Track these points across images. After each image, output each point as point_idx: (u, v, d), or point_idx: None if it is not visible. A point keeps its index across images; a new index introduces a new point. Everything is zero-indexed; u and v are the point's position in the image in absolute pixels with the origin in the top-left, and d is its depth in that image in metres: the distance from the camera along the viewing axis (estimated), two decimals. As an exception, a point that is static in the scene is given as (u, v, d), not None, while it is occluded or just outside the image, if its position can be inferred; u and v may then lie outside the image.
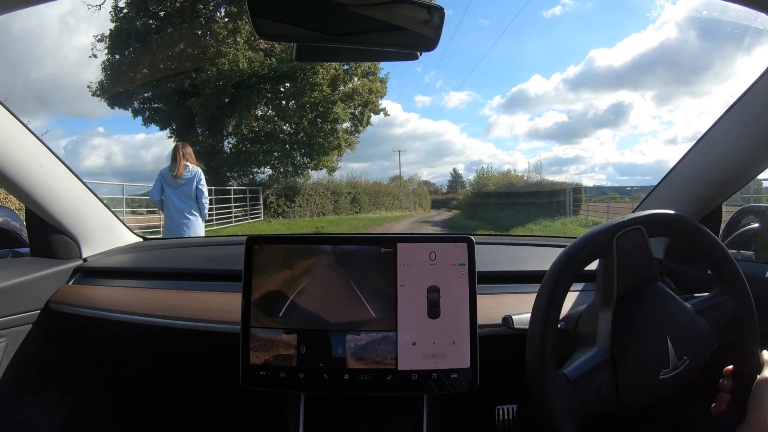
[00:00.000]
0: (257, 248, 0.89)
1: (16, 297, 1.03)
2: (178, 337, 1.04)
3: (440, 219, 19.72)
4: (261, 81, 14.64)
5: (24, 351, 1.05)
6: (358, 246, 0.89)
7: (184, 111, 14.83)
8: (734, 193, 0.99)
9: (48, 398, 1.14)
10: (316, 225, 13.81)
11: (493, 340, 0.88)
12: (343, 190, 17.99)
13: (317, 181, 17.31)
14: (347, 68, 15.42)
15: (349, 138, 16.76)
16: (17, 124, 0.98)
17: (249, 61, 13.96)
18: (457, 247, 0.88)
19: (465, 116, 47.59)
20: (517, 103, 51.37)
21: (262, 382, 0.86)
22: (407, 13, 0.63)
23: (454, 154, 50.94)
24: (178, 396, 1.33)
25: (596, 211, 14.56)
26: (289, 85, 15.28)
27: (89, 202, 1.22)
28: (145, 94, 14.54)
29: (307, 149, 16.18)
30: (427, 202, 26.14)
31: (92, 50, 14.22)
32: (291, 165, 16.39)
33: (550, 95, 48.80)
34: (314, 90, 14.93)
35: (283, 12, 0.63)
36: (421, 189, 26.98)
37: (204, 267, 1.17)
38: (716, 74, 8.57)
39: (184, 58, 13.48)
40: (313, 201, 16.37)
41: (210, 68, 13.74)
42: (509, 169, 23.05)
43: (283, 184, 15.79)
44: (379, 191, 20.49)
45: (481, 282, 0.88)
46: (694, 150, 1.00)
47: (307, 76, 14.60)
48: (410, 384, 0.84)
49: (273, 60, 14.27)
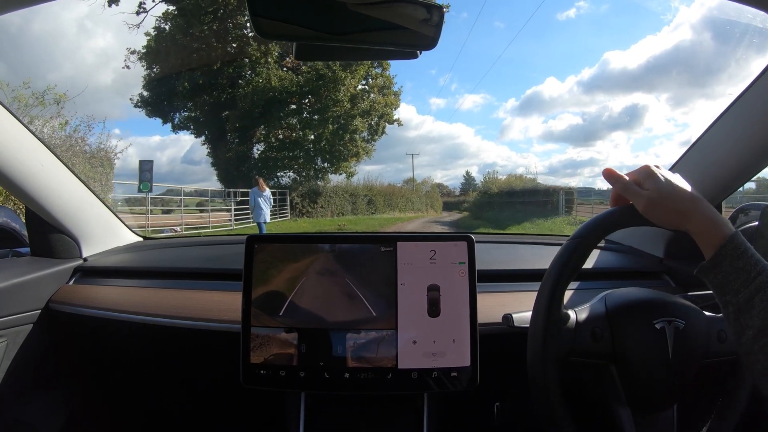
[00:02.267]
0: (257, 247, 0.89)
1: (16, 297, 1.03)
2: (178, 337, 1.04)
3: (450, 219, 20.68)
4: (290, 96, 16.55)
5: (24, 351, 1.05)
6: (358, 245, 0.89)
7: (218, 120, 16.90)
8: (734, 192, 0.99)
9: (49, 398, 1.14)
10: (338, 224, 15.28)
11: (493, 339, 0.88)
12: (360, 192, 19.44)
13: (337, 184, 18.89)
14: (365, 87, 17.64)
15: (366, 146, 18.60)
16: (17, 123, 0.98)
17: (279, 79, 16.12)
18: (457, 246, 0.88)
19: (479, 119, 47.41)
20: (531, 105, 51.40)
21: (263, 381, 0.86)
22: (407, 12, 0.63)
23: (468, 156, 50.92)
24: (179, 395, 1.33)
25: (583, 212, 15.99)
26: (314, 100, 16.96)
27: (89, 202, 1.22)
28: (187, 105, 16.72)
29: (329, 156, 18.02)
30: (438, 204, 26.93)
31: (125, 62, 16.15)
32: (313, 170, 18.29)
33: (564, 97, 48.87)
34: (336, 105, 16.63)
35: (284, 11, 0.63)
36: (434, 192, 27.82)
37: (204, 266, 1.17)
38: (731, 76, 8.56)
39: (221, 75, 15.74)
40: (334, 202, 17.88)
41: (246, 87, 15.98)
42: (522, 172, 24.42)
43: (307, 187, 17.51)
44: (393, 193, 21.82)
45: (481, 280, 0.88)
46: (693, 149, 1.00)
47: (330, 92, 16.37)
48: (410, 383, 0.84)
49: (300, 78, 16.36)
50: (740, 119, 0.88)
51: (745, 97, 0.86)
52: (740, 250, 0.59)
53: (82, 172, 7.36)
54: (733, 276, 0.59)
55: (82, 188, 1.18)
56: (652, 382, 0.71)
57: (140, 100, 16.46)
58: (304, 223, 15.77)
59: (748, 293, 0.57)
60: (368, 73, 17.45)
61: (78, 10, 23.47)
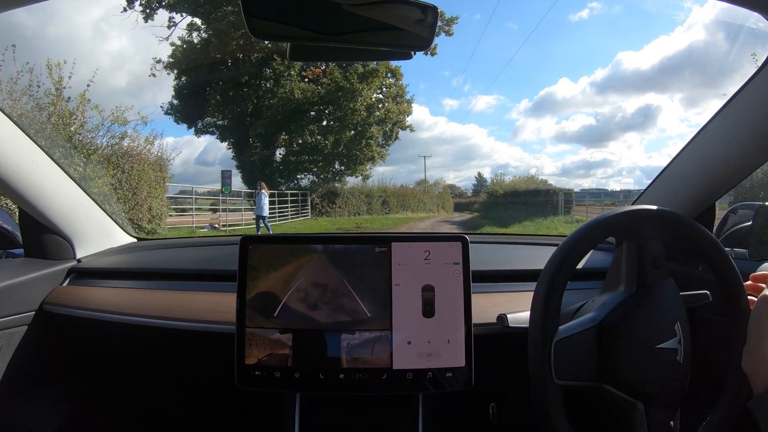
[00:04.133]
0: (252, 248, 0.89)
1: (9, 298, 1.02)
2: (173, 338, 1.03)
3: (459, 219, 21.61)
4: (311, 106, 18.46)
5: (19, 353, 1.04)
6: (353, 245, 0.89)
7: (243, 128, 18.53)
8: (727, 192, 1.00)
9: (44, 400, 1.14)
10: (356, 222, 16.71)
11: (488, 339, 0.89)
12: (375, 193, 20.74)
13: (353, 185, 20.45)
14: (381, 97, 19.70)
15: (380, 150, 20.48)
16: (10, 124, 0.97)
17: (302, 90, 17.93)
18: (452, 246, 0.88)
19: (492, 120, 47.08)
20: (544, 106, 51.04)
21: (258, 382, 0.85)
22: (401, 13, 0.63)
23: (481, 157, 50.17)
24: (174, 396, 1.33)
25: (580, 212, 17.25)
26: (333, 109, 18.71)
27: (83, 203, 1.21)
28: (217, 114, 18.55)
29: (346, 159, 19.81)
30: (449, 205, 28.01)
31: (152, 70, 17.69)
32: (331, 172, 20.05)
33: (577, 98, 48.61)
34: (354, 114, 18.48)
35: (278, 11, 0.63)
36: (445, 193, 28.96)
37: (198, 267, 1.17)
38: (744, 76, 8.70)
39: (249, 87, 17.78)
40: (351, 203, 19.27)
41: (271, 98, 17.81)
42: (534, 173, 25.71)
43: (326, 188, 19.01)
44: (406, 194, 22.99)
45: (475, 281, 0.88)
46: (687, 149, 1.00)
47: (348, 102, 18.19)
48: (405, 383, 0.84)
49: (321, 89, 18.22)
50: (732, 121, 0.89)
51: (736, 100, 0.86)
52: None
53: (149, 179, 8.48)
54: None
55: (75, 189, 1.17)
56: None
57: (170, 107, 18.17)
58: (325, 222, 16.89)
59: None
60: (383, 83, 19.18)
61: (92, 14, 25.01)
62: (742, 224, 1.10)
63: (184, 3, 16.58)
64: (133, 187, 8.13)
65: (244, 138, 18.87)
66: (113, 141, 7.90)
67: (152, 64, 17.44)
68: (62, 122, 6.89)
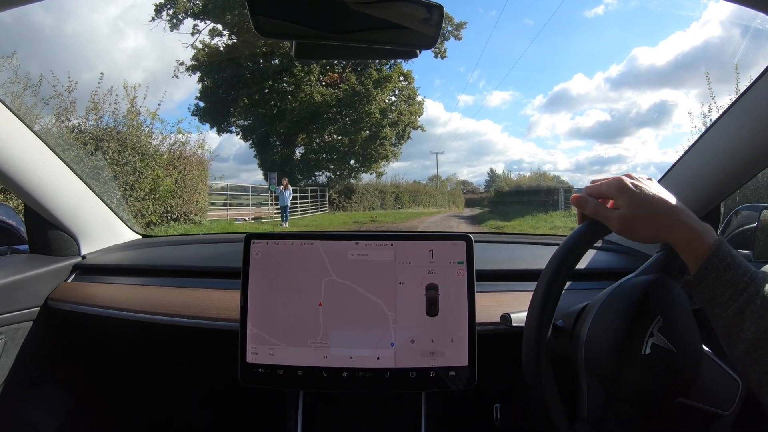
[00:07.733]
0: (256, 245, 0.89)
1: (14, 294, 1.03)
2: (177, 335, 1.04)
3: (468, 214, 22.83)
4: (329, 109, 20.04)
5: (23, 349, 1.05)
6: (357, 243, 0.89)
7: (265, 128, 20.14)
8: (733, 192, 0.99)
9: (48, 396, 1.14)
10: (371, 216, 17.54)
11: (491, 338, 0.88)
12: (388, 189, 22.19)
13: (368, 182, 22.09)
14: (393, 100, 21.26)
15: (394, 150, 22.02)
16: (16, 121, 0.98)
17: (321, 95, 19.54)
18: (456, 245, 0.88)
19: (507, 115, 47.11)
20: (559, 102, 50.92)
21: (261, 379, 0.86)
22: (407, 11, 0.63)
23: (495, 153, 50.27)
24: (177, 393, 1.33)
25: None
26: (349, 111, 20.35)
27: (88, 199, 1.22)
28: (242, 115, 20.15)
29: (361, 158, 21.51)
30: (460, 200, 29.35)
31: (175, 72, 19.29)
32: (347, 169, 21.77)
33: (592, 94, 48.53)
34: (369, 117, 20.13)
35: (283, 9, 0.63)
36: (457, 189, 30.43)
37: (203, 264, 1.17)
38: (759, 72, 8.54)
39: (273, 91, 19.44)
40: (365, 198, 20.79)
41: (293, 102, 19.39)
42: (549, 169, 26.40)
43: (342, 185, 20.69)
44: (418, 190, 24.39)
45: (479, 280, 0.88)
46: (693, 149, 1.00)
47: (363, 105, 19.84)
48: (408, 382, 0.85)
49: (339, 93, 19.82)
50: (739, 121, 0.88)
51: (744, 100, 0.86)
52: (726, 262, 0.56)
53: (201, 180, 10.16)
54: (721, 289, 0.56)
55: (80, 185, 1.17)
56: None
57: (196, 109, 19.84)
58: (342, 216, 17.80)
59: (737, 306, 0.54)
60: (396, 87, 20.88)
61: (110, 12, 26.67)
62: (746, 226, 1.09)
63: (209, 11, 17.76)
64: (187, 185, 9.83)
65: (266, 137, 20.48)
66: (174, 148, 9.82)
67: (175, 66, 19.02)
68: (136, 133, 8.95)
